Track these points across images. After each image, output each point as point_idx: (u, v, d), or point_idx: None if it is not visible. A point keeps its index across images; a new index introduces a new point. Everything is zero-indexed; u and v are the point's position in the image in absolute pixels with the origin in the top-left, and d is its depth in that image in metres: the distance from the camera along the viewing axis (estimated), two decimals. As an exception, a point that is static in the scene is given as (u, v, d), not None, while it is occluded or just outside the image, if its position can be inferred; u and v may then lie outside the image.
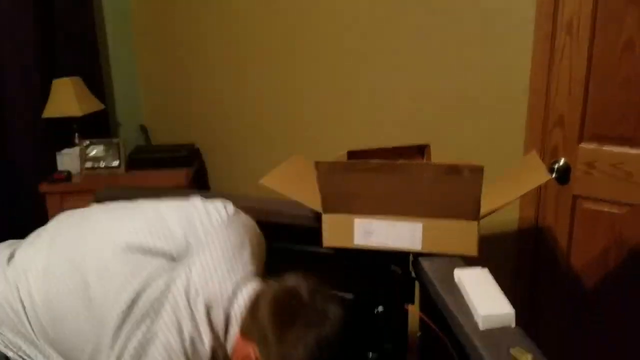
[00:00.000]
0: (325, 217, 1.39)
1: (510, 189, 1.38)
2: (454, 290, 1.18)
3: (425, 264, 1.32)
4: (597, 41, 1.85)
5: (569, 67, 1.91)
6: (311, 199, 1.41)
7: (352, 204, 1.34)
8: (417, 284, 1.52)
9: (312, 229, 1.43)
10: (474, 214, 1.29)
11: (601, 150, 1.91)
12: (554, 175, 1.99)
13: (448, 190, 1.25)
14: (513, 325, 1.04)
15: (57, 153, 2.95)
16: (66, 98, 2.88)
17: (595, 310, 2.01)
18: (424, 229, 1.33)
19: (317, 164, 1.28)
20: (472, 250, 1.30)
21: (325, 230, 1.40)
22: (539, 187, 2.04)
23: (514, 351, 0.94)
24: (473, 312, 1.09)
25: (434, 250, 1.33)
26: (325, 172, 1.29)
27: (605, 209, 1.94)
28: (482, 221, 2.14)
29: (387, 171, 1.28)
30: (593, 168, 1.93)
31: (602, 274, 1.98)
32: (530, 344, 0.96)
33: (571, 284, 2.05)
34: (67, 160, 2.92)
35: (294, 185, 1.47)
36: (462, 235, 1.30)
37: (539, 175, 1.33)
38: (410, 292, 1.59)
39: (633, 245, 1.90)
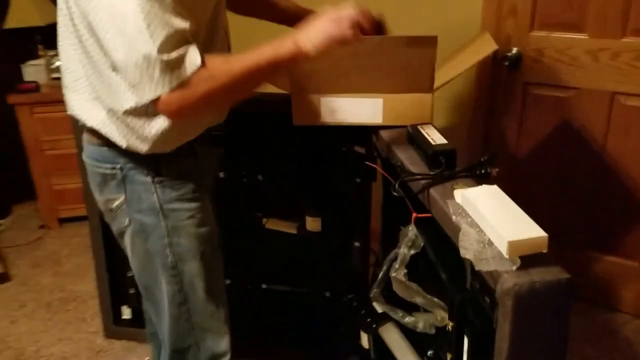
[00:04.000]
0: (294, 98, 1.49)
1: (461, 62, 1.50)
2: (409, 149, 1.33)
3: (384, 134, 1.45)
4: None
5: (521, -44, 1.99)
6: (281, 83, 1.50)
7: (317, 83, 1.44)
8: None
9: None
10: (429, 87, 1.40)
11: (550, 37, 2.03)
12: (506, 63, 2.11)
13: (405, 62, 1.36)
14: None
15: (21, 65, 2.93)
16: (26, 7, 2.84)
17: (542, 182, 2.20)
18: (384, 104, 1.44)
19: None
20: (427, 118, 1.43)
21: (294, 110, 1.50)
22: (493, 76, 2.17)
23: (456, 185, 1.09)
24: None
25: (394, 122, 1.46)
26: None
27: (553, 94, 2.09)
28: (437, 107, 2.28)
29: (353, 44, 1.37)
30: (542, 55, 2.06)
31: (549, 153, 2.16)
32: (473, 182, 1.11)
33: (520, 164, 2.23)
34: (33, 71, 2.91)
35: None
36: (418, 106, 1.42)
37: (487, 46, 1.44)
38: (372, 170, 1.73)
39: (577, 126, 2.07)
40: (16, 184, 3.09)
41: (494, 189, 1.01)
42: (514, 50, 2.10)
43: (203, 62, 1.06)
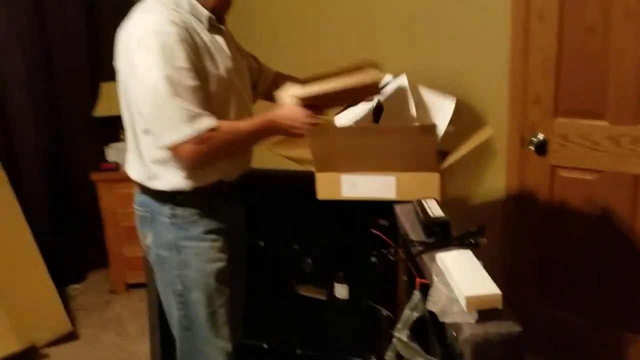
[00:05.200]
0: (318, 175, 1.70)
1: (467, 145, 1.66)
2: (415, 220, 1.49)
3: (398, 208, 1.62)
4: (565, 27, 2.10)
5: (542, 50, 2.17)
6: (308, 162, 1.72)
7: (338, 162, 1.65)
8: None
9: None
10: (435, 167, 1.58)
11: (573, 123, 2.16)
12: (532, 148, 2.24)
13: (412, 146, 1.54)
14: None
15: (105, 147, 3.36)
16: (113, 98, 3.28)
17: (572, 263, 2.25)
18: (397, 181, 1.62)
19: (306, 131, 1.59)
20: (436, 194, 1.58)
21: (318, 185, 1.71)
22: (521, 160, 2.30)
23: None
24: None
25: (406, 197, 1.62)
26: (314, 136, 1.60)
27: (580, 176, 2.18)
28: (471, 189, 2.42)
29: (366, 132, 1.59)
30: (567, 140, 2.18)
31: (579, 233, 2.22)
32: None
33: (552, 242, 2.29)
34: (114, 152, 3.32)
35: (296, 151, 1.79)
36: (426, 184, 1.59)
37: (485, 132, 1.61)
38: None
39: (604, 208, 2.14)
40: (92, 252, 3.44)
41: (466, 253, 1.15)
42: (540, 136, 2.23)
43: (216, 124, 1.45)
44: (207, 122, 1.43)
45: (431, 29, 2.43)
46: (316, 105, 1.63)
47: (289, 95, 1.66)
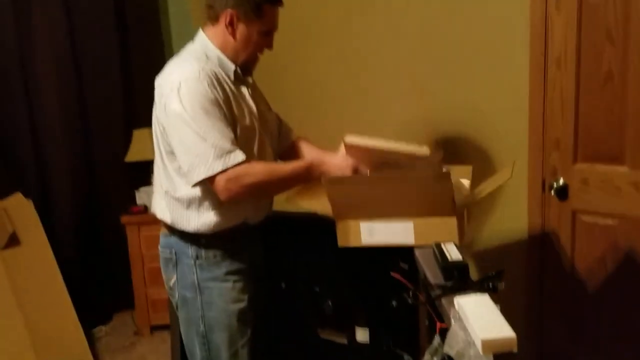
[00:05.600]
0: (338, 223, 1.73)
1: (485, 189, 1.69)
2: (434, 263, 1.51)
3: (417, 251, 1.65)
4: (582, 73, 2.14)
5: (560, 96, 2.20)
6: (328, 210, 1.76)
7: (356, 211, 1.68)
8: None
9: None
10: (451, 211, 1.60)
11: (593, 168, 2.17)
12: (553, 192, 2.25)
13: (428, 193, 1.58)
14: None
15: (135, 190, 3.46)
16: (144, 143, 3.40)
17: (596, 308, 2.22)
18: (415, 226, 1.65)
19: (324, 180, 1.64)
20: (454, 238, 1.61)
21: (339, 234, 1.74)
22: (543, 205, 2.31)
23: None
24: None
25: (424, 242, 1.65)
26: (332, 185, 1.65)
27: (601, 221, 2.18)
28: (494, 234, 2.43)
29: (382, 182, 1.63)
30: (587, 185, 2.19)
31: (602, 278, 2.20)
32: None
33: (575, 287, 2.27)
34: (144, 195, 3.41)
35: (316, 201, 1.82)
36: (444, 228, 1.61)
37: (504, 176, 1.64)
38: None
39: (627, 252, 2.12)
40: (119, 293, 3.50)
41: (484, 297, 1.17)
42: (561, 180, 2.24)
43: (247, 160, 1.53)
44: (238, 157, 1.51)
45: (452, 77, 2.49)
46: (369, 162, 1.71)
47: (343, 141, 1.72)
